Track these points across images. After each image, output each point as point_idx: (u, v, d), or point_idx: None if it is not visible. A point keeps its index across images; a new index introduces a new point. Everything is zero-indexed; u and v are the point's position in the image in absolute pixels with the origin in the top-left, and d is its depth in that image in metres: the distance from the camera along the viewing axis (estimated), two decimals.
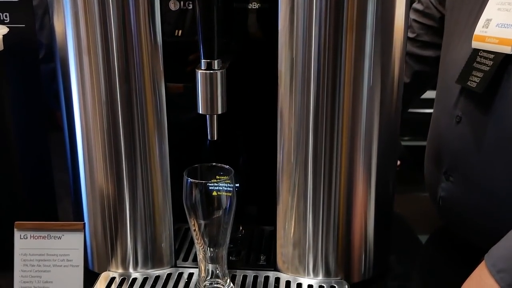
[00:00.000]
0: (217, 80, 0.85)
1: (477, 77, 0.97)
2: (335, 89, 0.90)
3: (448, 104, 1.08)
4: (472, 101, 1.01)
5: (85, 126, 0.96)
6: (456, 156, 1.07)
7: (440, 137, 1.12)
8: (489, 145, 0.99)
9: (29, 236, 0.93)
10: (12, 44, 1.03)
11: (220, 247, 0.91)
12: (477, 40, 1.00)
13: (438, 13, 1.25)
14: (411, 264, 1.14)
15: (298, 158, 0.94)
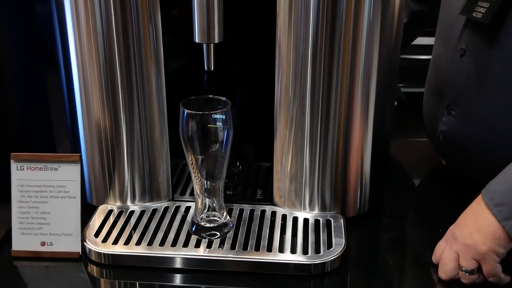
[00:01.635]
0: (214, 6, 0.80)
1: (483, 8, 0.94)
2: (335, 21, 0.85)
3: (452, 38, 1.04)
4: (477, 33, 0.98)
5: (80, 58, 0.92)
6: (459, 90, 1.04)
7: (442, 71, 1.09)
8: (493, 78, 0.96)
9: (26, 167, 0.90)
10: None
11: (216, 180, 0.88)
12: None
13: None
14: (406, 202, 1.12)
15: (296, 91, 0.90)
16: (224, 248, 0.87)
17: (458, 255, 0.82)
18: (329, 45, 0.85)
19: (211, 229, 0.90)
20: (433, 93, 1.13)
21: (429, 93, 1.16)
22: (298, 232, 0.91)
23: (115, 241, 0.89)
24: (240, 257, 0.85)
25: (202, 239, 0.89)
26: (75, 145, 1.00)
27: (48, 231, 0.89)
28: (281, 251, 0.86)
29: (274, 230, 0.92)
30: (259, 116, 0.96)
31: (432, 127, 1.13)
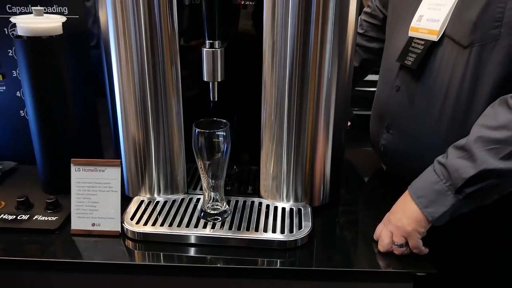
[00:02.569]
0: (217, 56, 0.83)
1: (412, 57, 0.96)
2: (304, 66, 0.88)
3: (390, 78, 1.06)
4: (408, 75, 1.00)
5: (121, 89, 0.94)
6: (394, 115, 1.06)
7: (383, 101, 1.10)
8: (418, 106, 0.98)
9: (81, 169, 0.92)
10: (69, 31, 0.99)
11: (219, 179, 0.90)
12: (412, 30, 0.99)
13: (382, 15, 1.22)
14: (356, 195, 1.13)
15: (277, 116, 0.92)
16: (224, 228, 0.89)
17: (392, 234, 0.84)
18: (300, 83, 0.88)
19: (215, 215, 0.91)
20: (377, 116, 1.14)
21: (373, 116, 1.17)
22: (277, 217, 0.93)
23: (145, 223, 0.90)
24: (236, 236, 0.87)
25: (208, 222, 0.90)
26: (117, 152, 1.01)
27: (97, 215, 0.90)
28: (265, 231, 0.88)
29: (260, 215, 0.93)
30: (250, 133, 0.98)
31: (376, 142, 1.14)
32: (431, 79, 0.94)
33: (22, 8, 1.04)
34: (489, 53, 0.83)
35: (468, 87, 0.88)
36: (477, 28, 0.83)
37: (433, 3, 0.93)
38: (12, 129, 1.14)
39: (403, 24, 1.02)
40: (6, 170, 1.13)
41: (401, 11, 1.05)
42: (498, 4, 0.80)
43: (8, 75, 1.10)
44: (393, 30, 1.10)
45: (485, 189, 0.77)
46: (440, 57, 0.92)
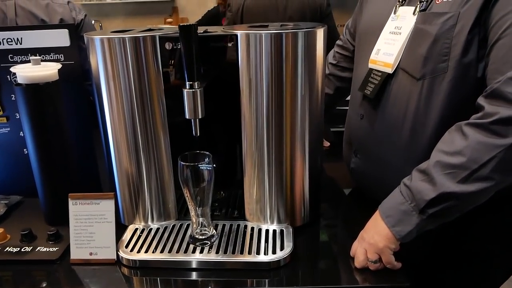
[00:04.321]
0: (197, 95, 0.84)
1: (371, 87, 0.98)
2: (280, 99, 0.90)
3: (356, 106, 1.07)
4: (369, 104, 1.02)
5: (114, 129, 0.96)
6: (360, 140, 1.07)
7: (351, 128, 1.12)
8: (380, 132, 0.99)
9: (78, 203, 0.93)
10: (66, 75, 1.02)
11: (205, 206, 0.91)
12: (371, 62, 1.00)
13: (352, 47, 1.24)
14: (334, 213, 1.13)
15: (257, 145, 0.94)
16: (212, 252, 0.89)
17: (366, 251, 0.84)
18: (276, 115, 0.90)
19: (203, 239, 0.92)
20: (346, 141, 1.15)
21: (344, 141, 1.18)
22: (261, 239, 0.93)
23: (138, 250, 0.91)
24: (223, 259, 0.87)
25: (197, 247, 0.91)
26: (111, 184, 1.02)
27: (94, 245, 0.91)
28: (250, 253, 0.88)
29: (245, 238, 0.94)
30: (234, 159, 0.99)
31: (347, 164, 1.15)
32: (388, 108, 0.95)
33: (22, 57, 1.07)
34: (439, 85, 0.85)
35: (422, 115, 0.89)
36: (427, 62, 0.85)
37: (389, 38, 0.95)
38: (17, 166, 1.15)
39: (365, 56, 1.04)
40: (13, 204, 1.14)
41: (364, 44, 1.07)
42: (445, 40, 0.83)
43: (12, 117, 1.12)
44: (358, 61, 1.12)
45: (446, 209, 0.78)
46: (396, 88, 0.93)
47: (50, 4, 1.66)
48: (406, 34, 0.90)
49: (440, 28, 0.83)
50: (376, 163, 1.02)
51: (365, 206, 1.07)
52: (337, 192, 1.25)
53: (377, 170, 1.02)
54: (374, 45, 1.00)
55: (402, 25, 0.92)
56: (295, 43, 0.87)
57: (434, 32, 0.83)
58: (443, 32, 0.82)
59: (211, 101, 0.90)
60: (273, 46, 0.86)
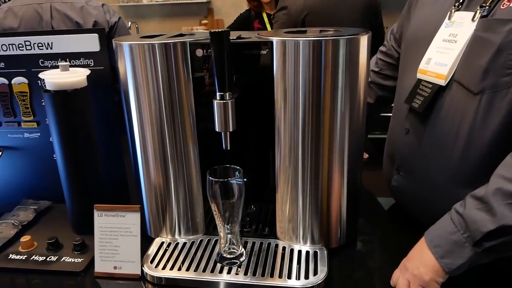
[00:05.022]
0: (228, 107, 0.78)
1: (419, 100, 0.89)
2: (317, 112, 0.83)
3: (400, 119, 0.98)
4: (416, 117, 0.92)
5: (142, 138, 0.92)
6: (404, 157, 0.98)
7: (393, 143, 1.02)
8: (427, 149, 0.90)
9: (104, 214, 0.90)
10: (94, 81, 0.99)
11: (234, 223, 0.85)
12: (420, 72, 0.91)
13: (397, 54, 1.15)
14: (373, 233, 1.05)
15: (291, 160, 0.87)
16: (240, 274, 0.83)
17: (409, 282, 0.76)
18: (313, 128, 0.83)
19: (231, 258, 0.86)
20: (388, 156, 1.06)
21: (385, 156, 1.09)
22: (293, 260, 0.87)
23: (164, 266, 0.87)
24: (251, 282, 0.82)
25: (224, 267, 0.86)
26: (138, 195, 0.98)
27: (118, 259, 0.88)
28: (281, 276, 0.82)
29: (276, 259, 0.88)
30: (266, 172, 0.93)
31: (388, 181, 1.06)
32: (439, 123, 0.86)
33: (53, 62, 1.04)
34: (499, 101, 0.75)
35: (477, 133, 0.79)
36: (488, 74, 0.76)
37: (442, 46, 0.86)
38: (46, 171, 1.14)
39: (413, 65, 0.94)
40: (42, 210, 1.13)
41: (412, 52, 0.98)
42: (510, 51, 0.72)
43: (42, 122, 1.10)
44: (404, 70, 1.02)
45: (506, 244, 0.68)
46: (449, 101, 0.84)
47: (84, 7, 1.66)
48: (463, 42, 0.81)
49: (506, 37, 0.73)
50: (421, 182, 0.93)
51: (407, 226, 1.00)
52: (375, 207, 1.16)
53: (422, 190, 0.93)
54: (423, 53, 0.90)
55: (458, 33, 0.82)
56: (335, 51, 0.79)
57: (498, 41, 0.73)
58: (508, 42, 0.72)
59: (243, 112, 0.84)
60: (312, 54, 0.79)
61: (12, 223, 1.04)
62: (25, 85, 1.06)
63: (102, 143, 1.02)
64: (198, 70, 0.86)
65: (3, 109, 1.09)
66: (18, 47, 1.04)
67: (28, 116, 1.09)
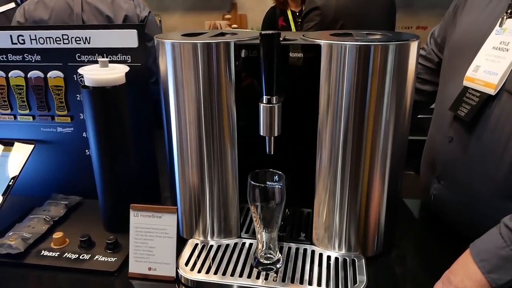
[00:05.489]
0: (275, 111, 0.76)
1: (466, 108, 0.86)
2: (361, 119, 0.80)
3: (443, 126, 0.96)
4: (461, 126, 0.89)
5: (179, 137, 0.90)
6: (447, 166, 0.95)
7: (435, 150, 0.99)
8: (473, 159, 0.87)
9: (140, 214, 0.88)
10: (131, 77, 0.97)
11: (272, 228, 0.83)
12: (467, 80, 0.88)
13: (437, 58, 1.12)
14: (409, 242, 1.02)
15: (331, 167, 0.85)
16: (277, 280, 0.81)
17: None
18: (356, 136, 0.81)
19: (268, 264, 0.84)
20: (428, 164, 1.03)
21: (424, 164, 1.06)
22: (331, 268, 0.85)
23: (199, 270, 0.85)
24: None
25: (261, 272, 0.84)
26: (173, 195, 0.97)
27: (153, 260, 0.86)
28: (319, 285, 0.80)
29: (313, 266, 0.86)
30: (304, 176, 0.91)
31: (426, 190, 1.03)
32: (486, 133, 0.83)
33: (90, 56, 1.03)
34: None
35: None
36: None
37: (492, 54, 0.83)
38: (78, 166, 1.13)
39: (458, 72, 0.91)
40: (72, 205, 1.12)
41: (457, 58, 0.95)
42: None
43: (76, 117, 1.09)
44: (447, 76, 0.99)
45: None
46: (498, 111, 0.81)
47: (115, 1, 1.64)
48: None
49: None
50: (463, 192, 0.90)
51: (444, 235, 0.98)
52: (409, 212, 1.13)
53: (465, 201, 0.90)
54: (470, 60, 0.87)
55: (511, 41, 0.79)
56: (384, 57, 0.77)
57: None
58: None
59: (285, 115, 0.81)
60: (359, 59, 0.76)
61: (43, 218, 1.03)
62: (61, 79, 1.05)
63: (136, 141, 1.00)
64: (241, 71, 0.83)
65: (38, 103, 1.08)
66: (56, 40, 1.03)
67: (62, 110, 1.08)
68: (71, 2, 1.61)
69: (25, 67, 1.06)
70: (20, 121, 1.11)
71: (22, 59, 1.05)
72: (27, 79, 1.06)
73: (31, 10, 1.62)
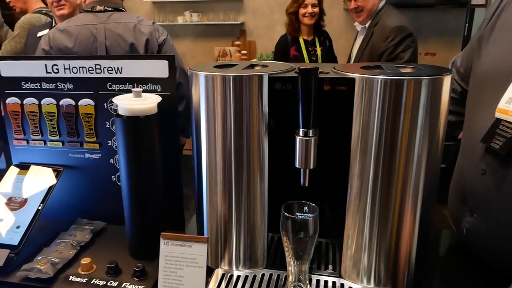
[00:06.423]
0: (311, 144, 0.76)
1: (500, 141, 0.86)
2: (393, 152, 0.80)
3: (474, 157, 0.95)
4: (495, 159, 0.89)
5: (209, 167, 0.90)
6: (480, 199, 0.94)
7: (465, 183, 0.98)
8: (509, 193, 0.86)
9: (170, 243, 0.87)
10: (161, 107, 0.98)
11: (304, 260, 0.82)
12: (500, 112, 0.88)
13: (460, 88, 1.12)
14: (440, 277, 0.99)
15: (361, 199, 0.84)
16: None
17: None
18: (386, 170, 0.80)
19: None
20: (458, 196, 1.02)
21: (454, 194, 1.05)
22: None
23: None
24: None
25: None
26: (200, 223, 0.96)
27: None
28: None
29: None
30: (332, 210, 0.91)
31: (457, 223, 1.02)
32: None
33: (121, 85, 1.05)
34: None
35: None
36: None
37: None
38: (103, 192, 1.13)
39: (487, 103, 0.92)
40: (97, 230, 1.12)
41: (485, 89, 0.95)
42: None
43: (104, 144, 1.10)
44: (475, 107, 0.99)
45: None
46: None
47: (137, 26, 1.68)
48: None
49: None
50: (500, 226, 0.89)
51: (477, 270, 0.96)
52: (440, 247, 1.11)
53: (500, 234, 0.89)
54: (500, 91, 0.88)
55: None
56: (417, 92, 0.77)
57: None
58: None
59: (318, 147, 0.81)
60: (392, 94, 0.77)
61: (71, 243, 1.03)
62: (91, 107, 1.07)
63: (164, 169, 1.01)
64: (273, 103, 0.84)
65: (68, 129, 1.10)
66: (88, 70, 1.05)
67: (91, 137, 1.10)
68: (94, 30, 1.65)
69: (57, 94, 1.08)
70: (49, 147, 1.12)
71: (55, 87, 1.07)
72: (59, 106, 1.08)
73: (56, 38, 1.66)
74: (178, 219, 1.11)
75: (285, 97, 0.83)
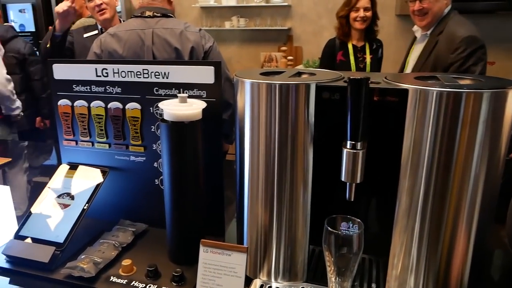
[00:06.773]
0: (359, 158, 0.73)
1: None
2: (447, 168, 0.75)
3: None
4: None
5: (251, 176, 0.89)
6: None
7: None
8: None
9: (209, 251, 0.87)
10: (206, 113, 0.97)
11: (346, 277, 0.79)
12: None
13: None
14: None
15: (409, 219, 0.79)
16: None
17: None
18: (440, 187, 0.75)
19: None
20: None
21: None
22: None
23: None
24: None
25: None
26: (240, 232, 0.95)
27: None
28: None
29: None
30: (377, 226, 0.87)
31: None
32: None
33: (167, 90, 1.06)
34: None
35: None
36: None
37: None
38: (146, 194, 1.15)
39: None
40: (139, 232, 1.13)
41: None
42: None
43: (149, 147, 1.12)
44: None
45: None
46: None
47: (183, 32, 1.70)
48: None
49: None
50: None
51: None
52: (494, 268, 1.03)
53: None
54: None
55: None
56: (478, 105, 0.72)
57: None
58: None
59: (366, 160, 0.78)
60: (449, 107, 0.72)
61: (113, 244, 1.05)
62: (138, 110, 1.09)
63: (206, 175, 1.00)
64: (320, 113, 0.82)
65: (115, 132, 1.12)
66: (136, 74, 1.06)
67: (137, 140, 1.11)
68: (142, 35, 1.69)
69: (106, 98, 1.10)
70: (97, 148, 1.15)
71: (104, 91, 1.10)
72: (107, 109, 1.11)
73: (107, 43, 1.71)
74: (218, 226, 1.10)
75: (333, 107, 0.80)
